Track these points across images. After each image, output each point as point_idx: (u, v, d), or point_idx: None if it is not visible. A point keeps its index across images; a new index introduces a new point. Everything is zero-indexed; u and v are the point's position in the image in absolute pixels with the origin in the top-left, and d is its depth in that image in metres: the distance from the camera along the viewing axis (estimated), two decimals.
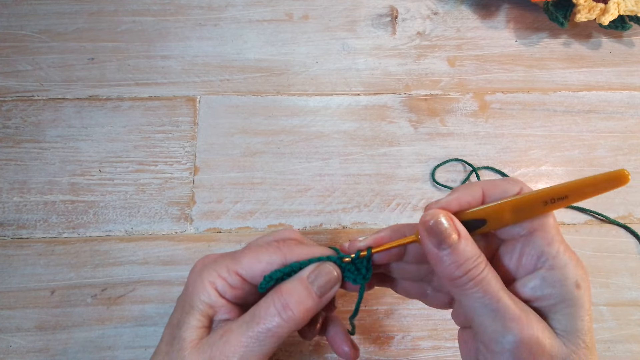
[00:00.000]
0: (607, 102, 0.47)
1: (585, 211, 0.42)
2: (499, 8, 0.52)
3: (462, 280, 0.23)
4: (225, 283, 0.26)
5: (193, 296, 0.26)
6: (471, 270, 0.23)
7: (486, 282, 0.23)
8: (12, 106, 0.45)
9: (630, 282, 0.40)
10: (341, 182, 0.43)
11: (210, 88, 0.47)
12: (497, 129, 0.46)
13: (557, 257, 0.23)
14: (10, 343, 0.37)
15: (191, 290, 0.26)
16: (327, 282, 0.26)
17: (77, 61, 0.47)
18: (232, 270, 0.26)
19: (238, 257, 0.27)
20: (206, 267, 0.27)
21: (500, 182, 0.25)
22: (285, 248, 0.27)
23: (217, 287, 0.26)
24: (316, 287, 0.26)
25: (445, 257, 0.23)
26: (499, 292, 0.22)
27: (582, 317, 0.22)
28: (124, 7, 0.50)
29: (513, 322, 0.22)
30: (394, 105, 0.47)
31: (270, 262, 0.26)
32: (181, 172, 0.43)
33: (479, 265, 0.23)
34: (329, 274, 0.26)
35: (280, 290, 0.25)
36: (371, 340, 0.38)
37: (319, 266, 0.26)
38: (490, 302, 0.22)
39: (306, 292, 0.26)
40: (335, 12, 0.51)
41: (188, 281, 0.27)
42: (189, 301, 0.26)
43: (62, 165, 0.43)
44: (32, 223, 0.41)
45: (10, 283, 0.39)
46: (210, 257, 0.28)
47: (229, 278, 0.26)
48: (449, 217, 0.23)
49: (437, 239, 0.23)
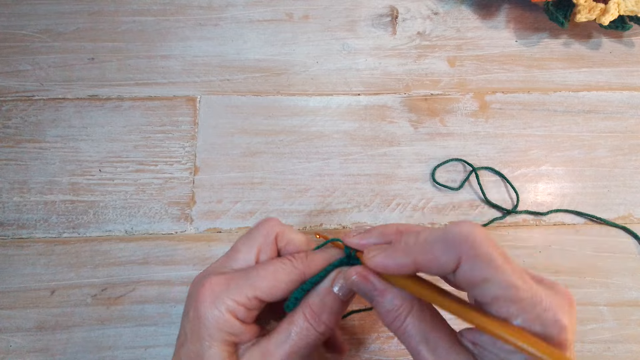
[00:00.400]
0: (607, 102, 0.47)
1: (581, 215, 0.42)
2: (499, 8, 0.52)
3: (390, 329, 0.25)
4: (244, 309, 0.26)
5: (212, 327, 0.25)
6: (393, 322, 0.24)
7: (406, 334, 0.24)
8: (12, 106, 0.45)
9: (630, 282, 0.40)
10: (341, 182, 0.43)
11: (211, 88, 0.47)
12: (497, 129, 0.46)
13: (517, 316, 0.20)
14: (10, 343, 0.37)
15: (208, 321, 0.25)
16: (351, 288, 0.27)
17: (77, 61, 0.47)
18: (252, 296, 0.26)
19: (254, 281, 0.26)
20: (221, 295, 0.25)
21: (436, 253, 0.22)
22: (299, 263, 0.27)
23: (238, 316, 0.25)
24: (342, 293, 0.27)
25: (374, 307, 0.25)
26: (417, 344, 0.23)
27: None
28: (124, 7, 0.50)
29: None
30: (394, 105, 0.47)
31: (291, 282, 0.27)
32: (181, 172, 0.43)
33: (399, 317, 0.24)
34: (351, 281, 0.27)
35: (309, 304, 0.26)
36: (371, 340, 0.38)
37: (339, 272, 0.27)
38: (413, 353, 0.24)
39: (334, 300, 0.27)
40: (335, 12, 0.51)
41: (200, 309, 0.25)
42: (207, 332, 0.25)
43: (62, 165, 0.43)
44: (32, 223, 0.41)
45: (10, 283, 0.39)
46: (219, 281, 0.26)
47: (248, 304, 0.26)
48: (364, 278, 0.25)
49: (360, 293, 0.26)
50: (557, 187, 0.44)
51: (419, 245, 0.23)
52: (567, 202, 0.43)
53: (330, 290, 0.27)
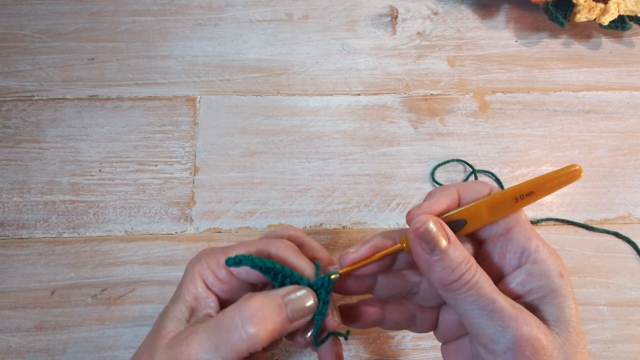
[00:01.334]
0: (607, 102, 0.47)
1: (572, 223, 0.42)
2: (499, 8, 0.52)
3: (456, 285, 0.23)
4: (213, 276, 0.26)
5: (182, 286, 0.26)
6: (464, 275, 0.23)
7: (480, 285, 0.23)
8: (12, 106, 0.45)
9: (630, 282, 0.40)
10: (341, 182, 0.43)
11: (210, 88, 0.47)
12: (497, 129, 0.46)
13: (537, 251, 0.24)
14: (10, 343, 0.37)
15: (182, 280, 0.26)
16: (302, 310, 0.24)
17: (77, 61, 0.47)
18: (221, 263, 0.26)
19: (229, 250, 0.27)
20: (199, 259, 0.27)
21: (472, 184, 0.26)
22: (275, 245, 0.27)
23: (206, 279, 0.26)
24: (290, 311, 0.24)
25: (437, 263, 0.23)
26: (492, 293, 0.23)
27: (569, 305, 0.23)
28: (124, 7, 0.50)
29: (511, 321, 0.22)
30: (394, 105, 0.47)
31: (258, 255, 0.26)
32: (181, 172, 0.43)
33: (471, 268, 0.23)
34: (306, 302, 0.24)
35: (249, 301, 0.23)
36: (371, 340, 0.38)
37: (300, 289, 0.25)
38: (486, 304, 0.23)
39: (278, 311, 0.24)
40: (335, 12, 0.51)
41: (185, 270, 0.27)
42: (178, 291, 0.26)
43: (62, 165, 0.43)
44: (32, 223, 0.41)
45: (10, 283, 0.39)
46: (209, 249, 0.28)
47: (217, 271, 0.26)
48: (438, 222, 0.23)
49: (428, 245, 0.23)
50: None
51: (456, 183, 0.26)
52: (567, 202, 0.43)
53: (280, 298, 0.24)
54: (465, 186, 0.26)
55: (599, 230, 0.42)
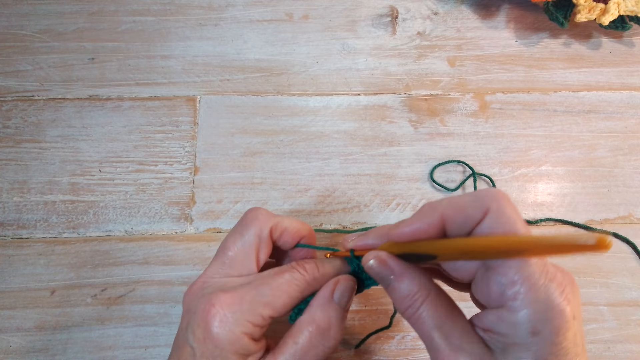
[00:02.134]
0: (607, 102, 0.47)
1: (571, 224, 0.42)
2: (499, 8, 0.52)
3: (404, 315, 0.25)
4: (259, 329, 0.26)
5: (227, 350, 0.24)
6: (408, 309, 0.24)
7: (421, 321, 0.24)
8: (12, 106, 0.45)
9: (630, 282, 0.40)
10: (341, 182, 0.43)
11: (211, 88, 0.47)
12: (497, 129, 0.46)
13: (515, 299, 0.21)
14: (10, 343, 0.37)
15: (223, 343, 0.24)
16: (350, 297, 0.27)
17: (77, 61, 0.47)
18: (266, 316, 0.25)
19: (267, 299, 0.26)
20: (236, 317, 0.25)
21: (465, 204, 0.23)
22: (310, 277, 0.27)
23: (253, 336, 0.25)
24: (343, 305, 0.27)
25: (389, 293, 0.25)
26: (431, 331, 0.23)
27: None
28: (125, 7, 0.50)
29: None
30: (394, 105, 0.47)
31: (304, 297, 0.27)
32: (181, 172, 0.43)
33: (414, 303, 0.24)
34: (349, 288, 0.28)
35: (314, 321, 0.26)
36: (371, 340, 0.38)
37: (338, 282, 0.27)
38: (426, 339, 0.24)
39: (339, 315, 0.27)
40: (335, 12, 0.51)
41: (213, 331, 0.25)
42: (221, 353, 0.24)
43: (62, 165, 0.43)
44: (32, 223, 0.41)
45: (10, 283, 0.39)
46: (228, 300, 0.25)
47: (262, 323, 0.26)
48: (380, 260, 0.25)
49: (377, 278, 0.25)
50: (557, 187, 0.44)
51: (446, 201, 0.23)
52: (567, 202, 0.43)
53: (332, 300, 0.27)
54: (454, 209, 0.23)
55: (598, 231, 0.42)
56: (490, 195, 0.22)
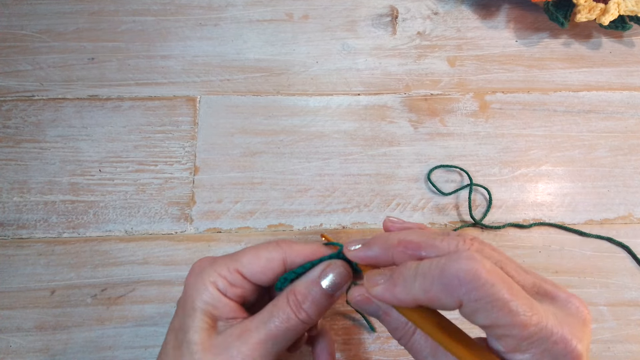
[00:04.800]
0: (607, 102, 0.47)
1: (565, 229, 0.42)
2: (499, 8, 0.52)
3: (400, 343, 0.25)
4: (226, 282, 0.26)
5: (194, 298, 0.26)
6: (401, 339, 0.25)
7: (414, 350, 0.24)
8: (12, 106, 0.45)
9: (630, 282, 0.40)
10: (341, 182, 0.43)
11: (210, 88, 0.47)
12: (497, 129, 0.46)
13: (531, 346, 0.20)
14: (10, 343, 0.37)
15: (192, 292, 0.26)
16: (340, 281, 0.27)
17: (77, 61, 0.47)
18: (232, 268, 0.26)
19: (237, 256, 0.27)
20: (205, 268, 0.27)
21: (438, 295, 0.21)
22: (284, 245, 0.27)
23: (219, 287, 0.26)
24: (329, 286, 0.26)
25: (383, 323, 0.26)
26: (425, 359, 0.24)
27: None
28: (124, 7, 0.50)
29: None
30: (394, 105, 0.47)
31: (270, 259, 0.27)
32: (181, 172, 0.43)
33: (406, 334, 0.25)
34: (340, 272, 0.27)
35: (294, 291, 0.26)
36: (371, 340, 0.38)
37: (330, 265, 0.27)
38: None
39: (320, 292, 0.26)
40: (335, 12, 0.51)
41: (187, 284, 0.27)
42: (190, 303, 0.26)
43: (62, 165, 0.43)
44: (32, 223, 0.41)
45: (10, 283, 0.39)
46: (208, 259, 0.28)
47: (229, 276, 0.26)
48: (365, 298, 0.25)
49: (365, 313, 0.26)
50: (557, 187, 0.44)
51: (418, 282, 0.21)
52: (567, 202, 0.43)
53: (318, 281, 0.26)
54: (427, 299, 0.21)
55: (592, 236, 0.41)
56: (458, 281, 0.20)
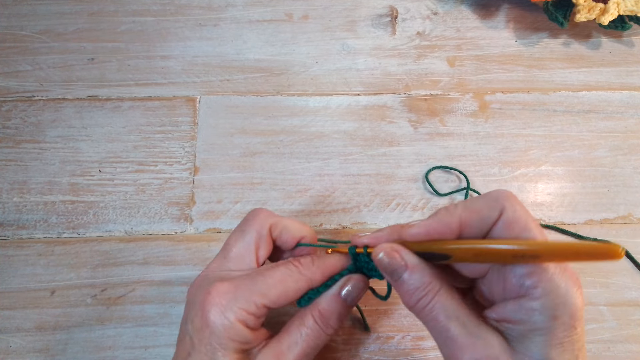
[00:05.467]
0: (607, 102, 0.47)
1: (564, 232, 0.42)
2: (499, 8, 0.52)
3: (414, 309, 0.24)
4: (254, 318, 0.26)
5: (223, 337, 0.25)
6: (420, 301, 0.24)
7: (435, 312, 0.24)
8: (12, 106, 0.45)
9: (630, 282, 0.40)
10: (341, 182, 0.43)
11: (210, 88, 0.47)
12: (497, 129, 0.46)
13: (536, 287, 0.22)
14: (10, 343, 0.37)
15: (219, 330, 0.25)
16: (359, 293, 0.28)
17: (77, 61, 0.47)
18: (260, 305, 0.26)
19: (262, 289, 0.26)
20: (230, 305, 0.25)
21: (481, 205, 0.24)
22: (306, 270, 0.28)
23: (248, 324, 0.26)
24: (350, 300, 0.28)
25: (398, 287, 0.25)
26: (447, 322, 0.23)
27: (554, 345, 0.22)
28: (124, 8, 0.50)
29: (460, 351, 0.23)
30: (393, 105, 0.47)
31: (298, 290, 0.27)
32: (181, 172, 0.43)
33: (427, 295, 0.24)
34: (359, 287, 0.28)
35: (318, 309, 0.27)
36: (371, 340, 0.38)
37: (348, 280, 0.28)
38: (440, 332, 0.24)
39: (343, 308, 0.28)
40: (335, 12, 0.51)
41: (209, 319, 0.25)
42: (218, 341, 0.25)
43: (62, 166, 0.43)
44: (32, 223, 0.41)
45: (10, 283, 0.39)
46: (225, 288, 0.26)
47: (257, 313, 0.26)
48: (392, 253, 0.25)
49: (386, 271, 0.25)
50: (557, 187, 0.44)
51: (462, 205, 0.24)
52: (567, 202, 0.43)
53: (339, 296, 0.28)
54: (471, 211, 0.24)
55: (588, 239, 0.41)
56: (503, 196, 0.23)
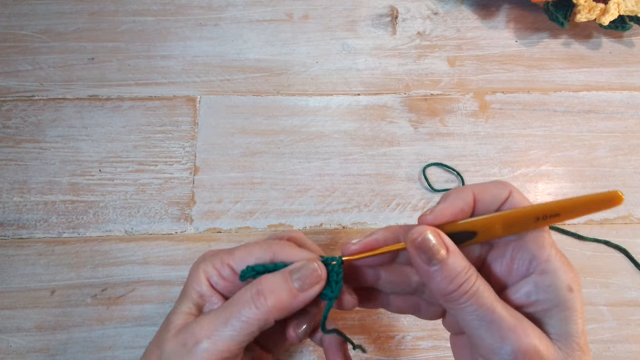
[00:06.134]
0: (607, 102, 0.47)
1: (565, 232, 0.42)
2: (499, 8, 0.52)
3: (455, 295, 0.23)
4: (218, 274, 0.27)
5: (188, 285, 0.27)
6: (463, 284, 0.23)
7: (479, 295, 0.22)
8: (12, 106, 0.45)
9: (630, 282, 0.40)
10: (341, 182, 0.43)
11: (210, 88, 0.47)
12: (497, 129, 0.46)
13: (548, 261, 0.23)
14: (10, 343, 0.37)
15: (188, 279, 0.27)
16: (308, 277, 0.25)
17: (77, 61, 0.47)
18: (225, 262, 0.27)
19: (233, 251, 0.27)
20: (204, 259, 0.27)
21: (490, 185, 0.25)
22: (277, 246, 0.27)
23: (210, 278, 0.27)
24: (295, 282, 0.25)
25: (435, 273, 0.23)
26: (492, 303, 0.22)
27: (575, 320, 0.22)
28: (124, 7, 0.50)
29: (510, 332, 0.22)
30: (394, 105, 0.47)
31: (260, 258, 0.27)
32: (181, 172, 0.43)
33: (470, 278, 0.23)
34: (311, 269, 0.25)
35: (258, 280, 0.25)
36: (371, 340, 0.38)
37: (303, 263, 0.26)
38: (485, 315, 0.22)
39: (284, 283, 0.25)
40: (335, 12, 0.51)
41: (190, 271, 0.28)
42: (184, 290, 0.27)
43: (62, 165, 0.43)
44: (32, 223, 0.41)
45: (10, 283, 0.39)
46: (214, 251, 0.28)
47: (221, 270, 0.27)
48: (436, 232, 0.23)
49: (426, 255, 0.23)
50: (557, 187, 0.44)
51: (471, 185, 0.25)
52: None
53: (285, 273, 0.25)
54: (482, 188, 0.25)
55: (588, 239, 0.41)
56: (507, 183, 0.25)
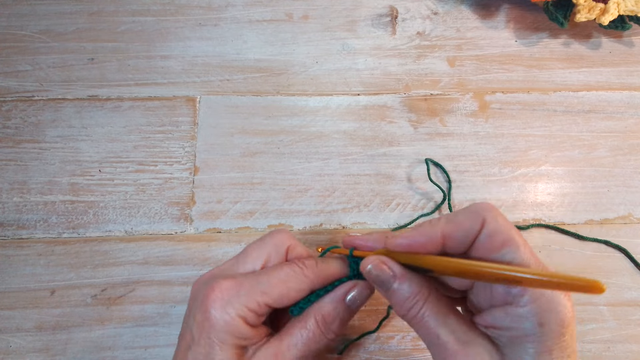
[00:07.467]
0: (607, 102, 0.47)
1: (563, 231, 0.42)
2: (499, 8, 0.52)
3: (406, 318, 0.25)
4: (255, 315, 0.26)
5: (223, 332, 0.25)
6: (411, 310, 0.24)
7: (425, 321, 0.24)
8: (12, 106, 0.45)
9: (630, 282, 0.40)
10: (341, 182, 0.43)
11: (210, 88, 0.47)
12: (497, 129, 0.46)
13: (523, 294, 0.22)
14: (10, 343, 0.37)
15: (219, 325, 0.25)
16: (363, 300, 0.28)
17: (77, 61, 0.47)
18: (262, 303, 0.26)
19: (265, 287, 0.26)
20: (232, 301, 0.26)
21: (462, 218, 0.24)
22: (310, 272, 0.28)
23: (248, 321, 0.26)
24: (354, 306, 0.28)
25: (390, 297, 0.25)
26: (437, 329, 0.24)
27: (543, 353, 0.22)
28: (124, 7, 0.50)
29: (451, 357, 0.23)
30: (393, 105, 0.47)
31: (300, 291, 0.27)
32: (181, 172, 0.43)
33: (417, 304, 0.24)
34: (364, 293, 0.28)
35: (322, 313, 0.27)
36: (371, 340, 0.38)
37: (354, 286, 0.28)
38: (431, 339, 0.24)
39: (346, 313, 0.28)
40: (335, 12, 0.51)
41: (210, 313, 0.26)
42: (217, 335, 0.25)
43: (62, 166, 0.43)
44: (32, 223, 0.41)
45: (10, 283, 0.39)
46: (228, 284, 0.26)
47: (258, 310, 0.26)
48: (382, 264, 0.25)
49: (376, 282, 0.26)
50: (557, 187, 0.44)
51: (444, 218, 0.24)
52: (567, 202, 0.43)
53: (343, 301, 0.28)
54: (453, 225, 0.24)
55: (588, 239, 0.41)
56: (483, 208, 0.24)
